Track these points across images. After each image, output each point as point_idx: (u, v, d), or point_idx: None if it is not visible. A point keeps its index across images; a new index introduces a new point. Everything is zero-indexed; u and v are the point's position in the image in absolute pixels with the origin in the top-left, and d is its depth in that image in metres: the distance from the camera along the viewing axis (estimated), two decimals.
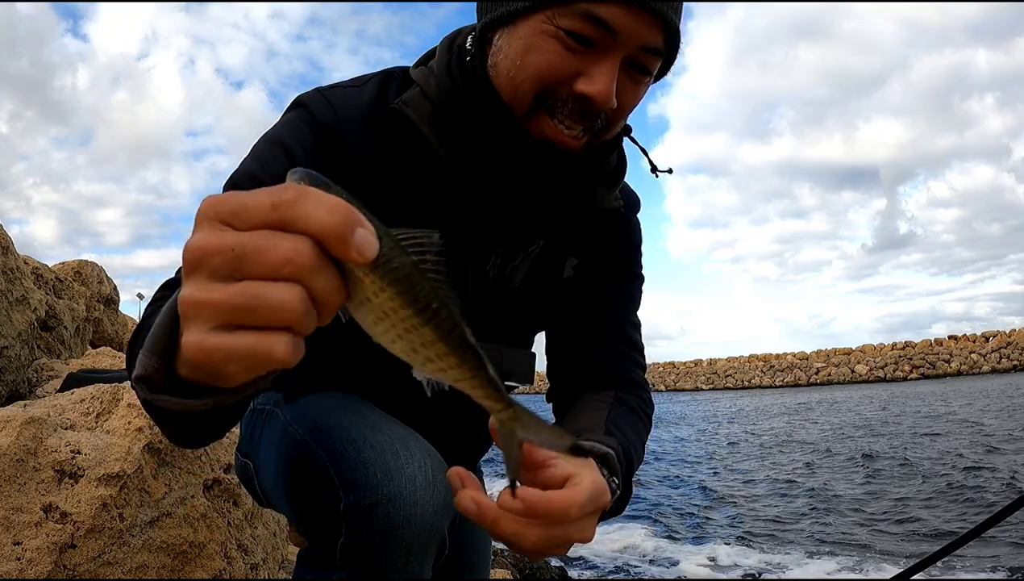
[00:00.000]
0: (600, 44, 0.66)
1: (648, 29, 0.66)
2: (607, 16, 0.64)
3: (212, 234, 0.34)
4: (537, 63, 0.67)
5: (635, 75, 0.70)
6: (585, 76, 0.66)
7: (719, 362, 60.36)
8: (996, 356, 45.31)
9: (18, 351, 2.14)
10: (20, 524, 1.27)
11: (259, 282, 0.33)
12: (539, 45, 0.67)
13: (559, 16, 0.65)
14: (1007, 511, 1.12)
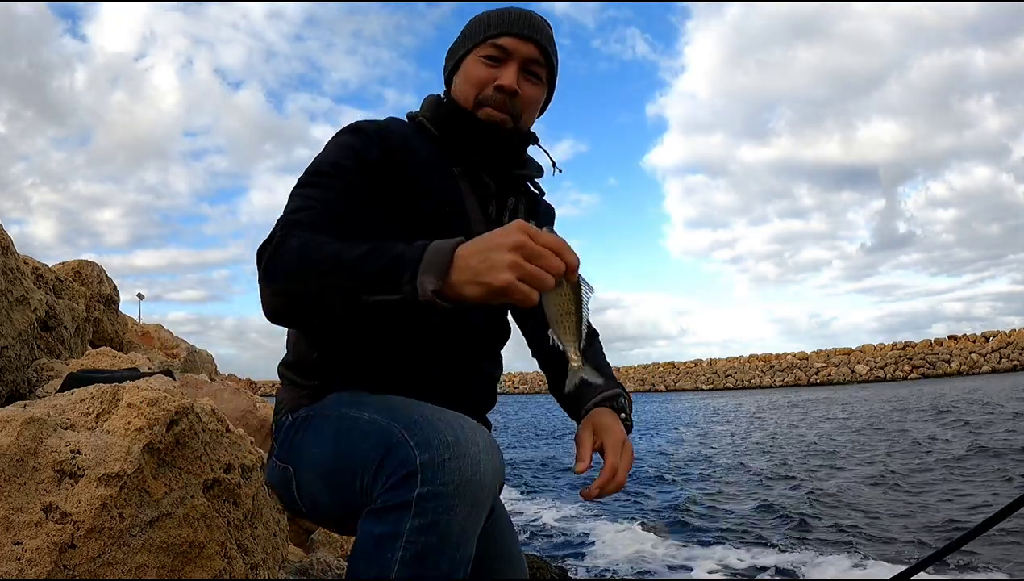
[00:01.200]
0: (503, 60, 1.15)
1: (527, 47, 1.15)
2: (504, 43, 1.15)
3: (527, 239, 0.75)
4: (472, 77, 1.16)
5: (530, 78, 1.17)
6: (499, 77, 1.14)
7: (719, 362, 60.33)
8: (996, 356, 45.29)
9: (18, 351, 2.14)
10: (20, 524, 1.27)
11: (539, 269, 0.75)
12: (472, 68, 1.17)
13: (480, 50, 1.16)
14: (1007, 511, 1.12)
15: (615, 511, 6.60)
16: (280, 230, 0.89)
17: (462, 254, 0.76)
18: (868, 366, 50.25)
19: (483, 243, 0.76)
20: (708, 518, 6.12)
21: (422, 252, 0.78)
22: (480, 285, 0.74)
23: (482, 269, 0.74)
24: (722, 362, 60.36)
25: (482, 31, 1.16)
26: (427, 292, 0.76)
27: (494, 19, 1.16)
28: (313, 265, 0.82)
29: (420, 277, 0.76)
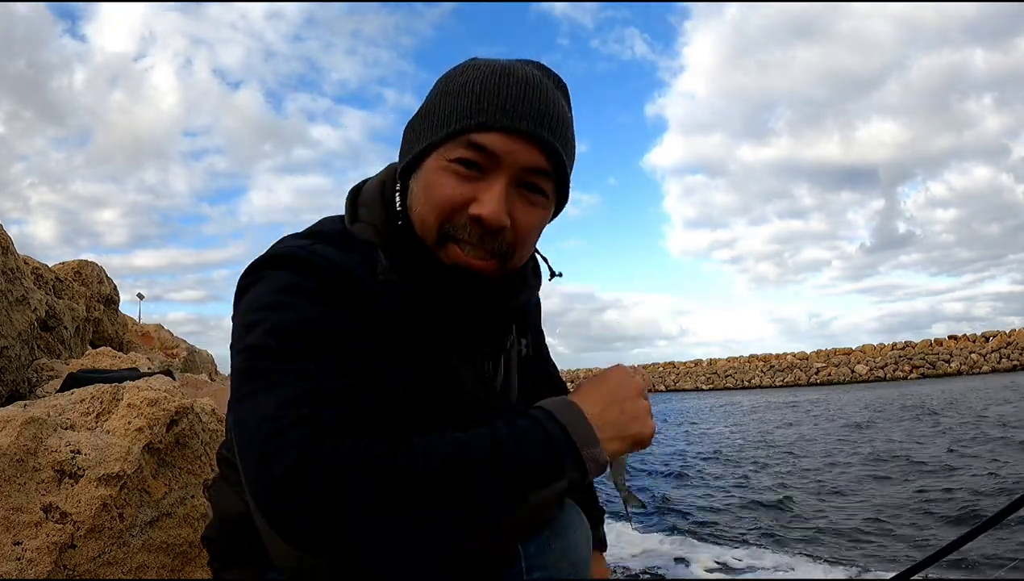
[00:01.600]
0: (487, 169, 0.74)
1: (527, 151, 0.74)
2: (487, 142, 0.73)
3: (642, 380, 0.75)
4: (436, 196, 0.75)
5: (528, 196, 0.77)
6: (476, 201, 0.74)
7: (719, 362, 60.33)
8: (996, 356, 45.29)
9: (18, 351, 2.14)
10: (20, 524, 1.27)
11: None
12: (436, 180, 0.75)
13: (449, 151, 0.74)
14: (1007, 511, 1.12)
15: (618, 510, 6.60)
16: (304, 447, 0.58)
17: (593, 413, 0.68)
18: (868, 366, 50.25)
19: (607, 393, 0.71)
20: (708, 517, 6.13)
21: (561, 428, 0.66)
22: (624, 439, 0.70)
23: (625, 421, 0.70)
24: (722, 362, 60.36)
25: (455, 116, 0.74)
26: (597, 468, 0.67)
27: (476, 95, 0.74)
28: (440, 488, 0.58)
29: (583, 452, 0.65)
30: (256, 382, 0.64)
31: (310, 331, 0.66)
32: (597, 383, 0.73)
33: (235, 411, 0.65)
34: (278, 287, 0.70)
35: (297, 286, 0.70)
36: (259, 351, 0.66)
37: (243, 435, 0.61)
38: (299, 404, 0.60)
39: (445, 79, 0.79)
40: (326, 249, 0.73)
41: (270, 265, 0.73)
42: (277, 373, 0.63)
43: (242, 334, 0.68)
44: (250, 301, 0.71)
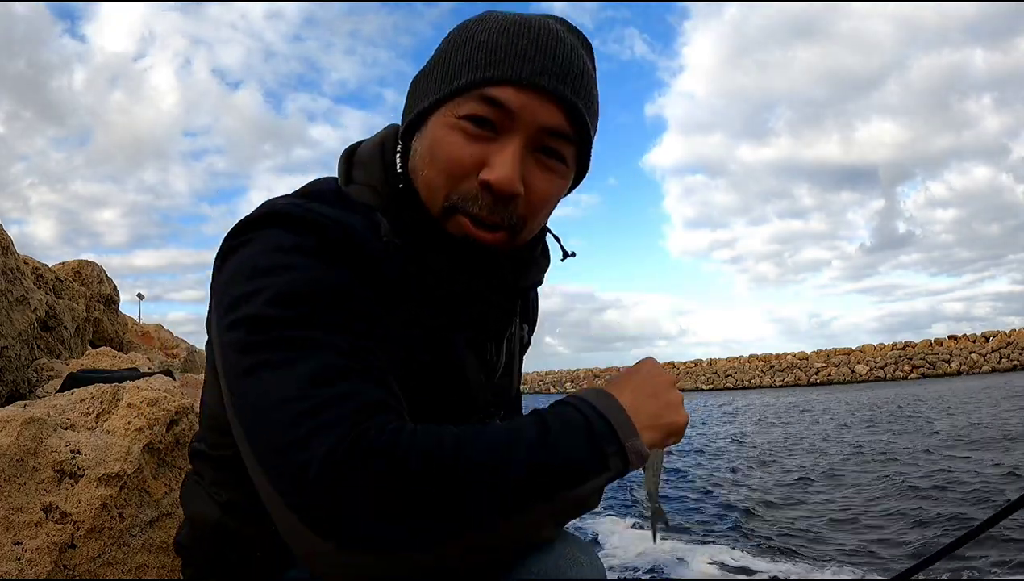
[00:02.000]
0: (500, 128, 0.66)
1: (546, 109, 0.66)
2: (502, 97, 0.65)
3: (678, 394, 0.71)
4: (442, 156, 0.67)
5: (546, 161, 0.69)
6: (487, 165, 0.66)
7: (719, 362, 60.34)
8: (996, 356, 45.28)
9: (18, 351, 2.14)
10: (20, 524, 1.27)
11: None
12: (443, 138, 0.67)
13: (459, 106, 0.67)
14: (1007, 511, 1.12)
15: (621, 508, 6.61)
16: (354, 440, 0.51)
17: (628, 402, 0.64)
18: (868, 366, 50.24)
19: (639, 383, 0.68)
20: (707, 515, 6.13)
21: (602, 418, 0.61)
22: (658, 428, 0.66)
23: (659, 410, 0.67)
24: (722, 362, 60.37)
25: (466, 68, 0.67)
26: (639, 460, 0.62)
27: (491, 46, 0.66)
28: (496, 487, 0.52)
29: (626, 444, 0.61)
30: (264, 354, 0.55)
31: (321, 294, 0.59)
32: (628, 374, 0.70)
33: (237, 390, 0.56)
34: (274, 247, 0.61)
35: (297, 245, 0.61)
36: (263, 322, 0.57)
37: (257, 419, 0.53)
38: (325, 380, 0.53)
39: (458, 30, 0.71)
40: (322, 207, 0.66)
41: (261, 224, 0.64)
42: (291, 344, 0.55)
43: (234, 305, 0.59)
44: (239, 265, 0.62)
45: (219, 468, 0.73)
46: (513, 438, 0.55)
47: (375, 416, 0.52)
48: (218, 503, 0.72)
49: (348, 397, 0.53)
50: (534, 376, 74.33)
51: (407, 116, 0.74)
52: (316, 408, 0.51)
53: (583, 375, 69.36)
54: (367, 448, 0.50)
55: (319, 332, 0.56)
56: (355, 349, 0.57)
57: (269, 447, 0.52)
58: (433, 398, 0.70)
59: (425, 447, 0.51)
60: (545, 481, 0.55)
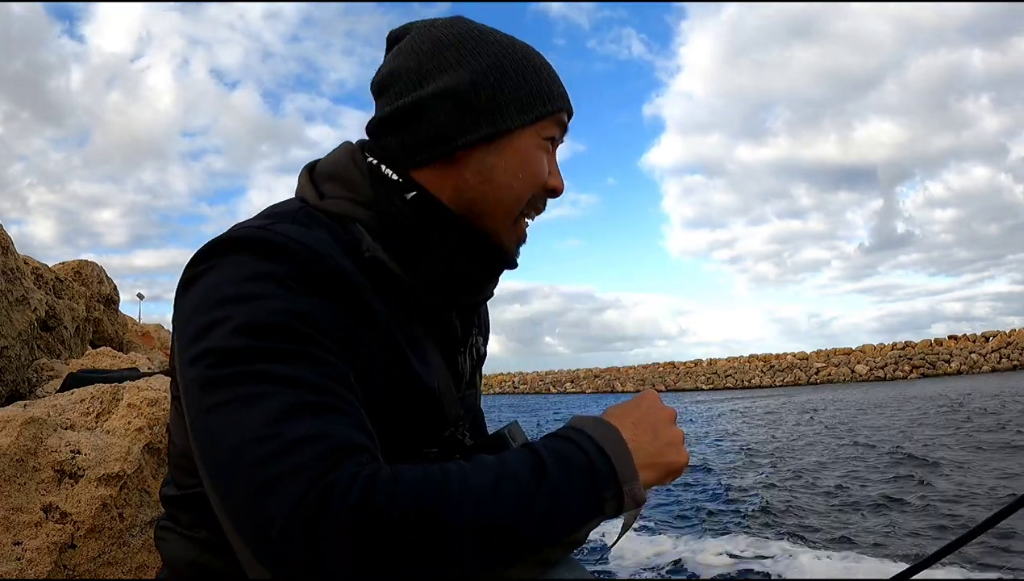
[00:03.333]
0: (555, 145, 0.79)
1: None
2: (566, 122, 0.79)
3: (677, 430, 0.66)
4: (535, 173, 0.75)
5: None
6: (552, 173, 0.77)
7: (719, 362, 60.32)
8: (996, 356, 45.28)
9: (18, 351, 2.14)
10: (20, 524, 1.27)
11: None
12: (534, 156, 0.74)
13: (544, 129, 0.75)
14: (1007, 511, 1.12)
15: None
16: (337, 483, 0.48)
17: (629, 437, 0.61)
18: (868, 366, 50.25)
19: (640, 416, 0.65)
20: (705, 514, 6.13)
21: (604, 456, 0.58)
22: (657, 467, 0.63)
23: (659, 448, 0.63)
24: (722, 362, 60.38)
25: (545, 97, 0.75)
26: (634, 506, 0.60)
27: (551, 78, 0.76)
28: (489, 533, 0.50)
29: (624, 488, 0.58)
30: (227, 391, 0.52)
31: (289, 324, 0.55)
32: (629, 407, 0.67)
33: (199, 430, 0.53)
34: (241, 276, 0.58)
35: (265, 272, 0.58)
36: (227, 354, 0.53)
37: (219, 462, 0.50)
38: (292, 418, 0.50)
39: (490, 54, 0.73)
40: (291, 228, 0.63)
41: (225, 249, 0.61)
42: (256, 379, 0.52)
43: (196, 337, 0.56)
44: (203, 295, 0.59)
45: (193, 508, 0.68)
46: (505, 484, 0.52)
47: (346, 461, 0.49)
48: (197, 541, 0.68)
49: (316, 439, 0.49)
50: (534, 376, 74.35)
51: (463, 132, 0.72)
52: (280, 451, 0.48)
53: (583, 375, 69.36)
54: (338, 501, 0.47)
55: (287, 366, 0.53)
56: (326, 384, 0.54)
57: (233, 496, 0.49)
58: (408, 414, 0.69)
59: (404, 499, 0.48)
60: (537, 534, 0.52)
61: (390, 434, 0.63)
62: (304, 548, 0.46)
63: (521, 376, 75.91)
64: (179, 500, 0.71)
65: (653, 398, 0.69)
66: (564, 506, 0.54)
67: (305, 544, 0.46)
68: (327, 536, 0.46)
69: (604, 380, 66.54)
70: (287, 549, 0.46)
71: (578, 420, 0.63)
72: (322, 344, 0.57)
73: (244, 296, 0.57)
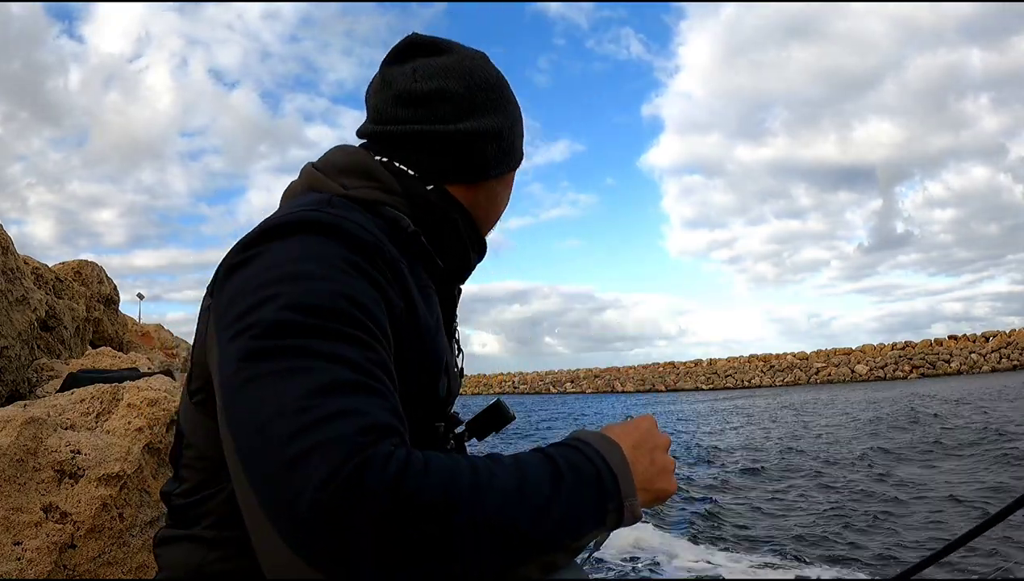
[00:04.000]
0: None
1: None
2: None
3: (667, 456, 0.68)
4: (502, 208, 0.91)
5: None
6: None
7: (719, 362, 60.34)
8: (996, 356, 45.29)
9: (18, 351, 2.14)
10: (20, 524, 1.27)
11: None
12: (505, 195, 0.91)
13: (513, 172, 0.90)
14: (1007, 511, 1.12)
15: None
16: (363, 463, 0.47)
17: (629, 457, 0.62)
18: (868, 366, 50.28)
19: (638, 439, 0.66)
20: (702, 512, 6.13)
21: (609, 470, 0.59)
22: (649, 492, 0.64)
23: (653, 474, 0.65)
24: (722, 362, 60.39)
25: (521, 146, 0.92)
26: (632, 520, 0.61)
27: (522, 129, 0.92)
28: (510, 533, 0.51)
29: (626, 503, 0.60)
30: (270, 362, 0.51)
31: (341, 305, 0.55)
32: (628, 429, 0.67)
33: (233, 402, 0.52)
34: (293, 256, 0.59)
35: (320, 253, 0.59)
36: (274, 328, 0.53)
37: (249, 432, 0.49)
38: (333, 393, 0.49)
39: (513, 102, 0.88)
40: (337, 210, 0.65)
41: (274, 235, 0.61)
42: (300, 354, 0.51)
43: (243, 315, 0.55)
44: (251, 276, 0.58)
45: (202, 510, 0.68)
46: (527, 485, 0.53)
47: (381, 440, 0.48)
48: (204, 542, 0.67)
49: (354, 413, 0.49)
50: (534, 376, 74.36)
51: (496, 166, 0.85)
52: (315, 423, 0.47)
53: (583, 375, 69.39)
54: (373, 477, 0.46)
55: (331, 344, 0.53)
56: (368, 367, 0.54)
57: (262, 467, 0.48)
58: (427, 387, 0.72)
59: (434, 487, 0.48)
60: (552, 537, 0.53)
61: (412, 408, 0.64)
62: (332, 524, 0.45)
63: (521, 376, 75.94)
64: (190, 504, 0.69)
65: (651, 423, 0.70)
66: (575, 514, 0.55)
67: (334, 520, 0.44)
68: (358, 512, 0.45)
69: (604, 380, 66.55)
70: (314, 524, 0.44)
71: (583, 434, 0.64)
72: (367, 327, 0.57)
73: (295, 275, 0.57)
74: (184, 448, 0.72)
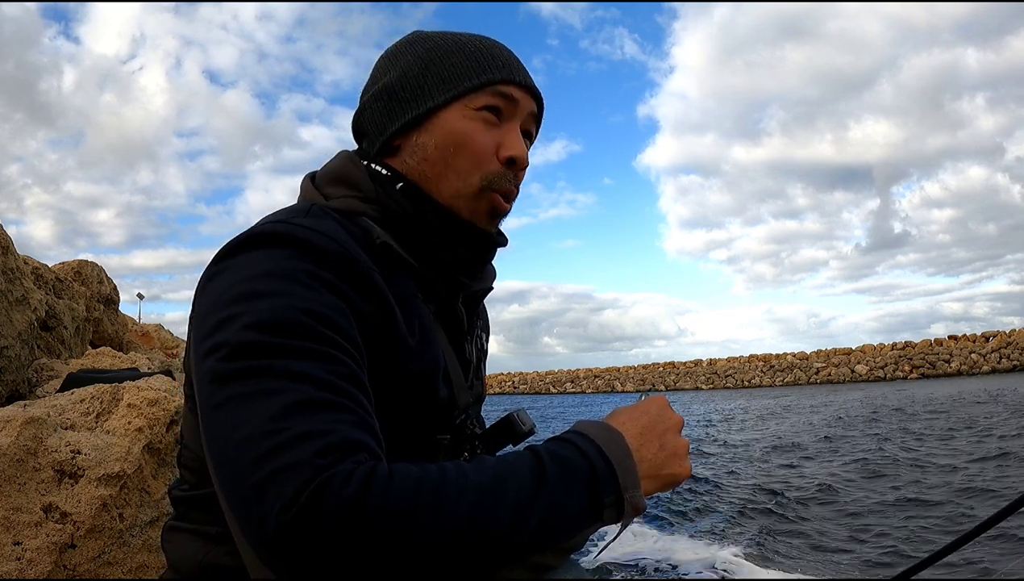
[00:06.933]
0: (507, 116, 0.78)
1: (531, 100, 0.80)
2: (511, 92, 0.77)
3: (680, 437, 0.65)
4: (471, 144, 0.75)
5: (525, 141, 0.81)
6: (504, 145, 0.76)
7: (719, 362, 60.33)
8: (996, 356, 45.27)
9: (18, 351, 2.14)
10: (20, 524, 1.27)
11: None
12: (465, 129, 0.75)
13: (473, 101, 0.76)
14: (1007, 511, 1.12)
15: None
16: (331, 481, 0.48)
17: (634, 445, 0.61)
18: (868, 366, 50.27)
19: (647, 424, 0.64)
20: (700, 513, 6.13)
21: (606, 462, 0.58)
22: (659, 479, 0.62)
23: (663, 459, 0.63)
24: (722, 362, 60.40)
25: (473, 71, 0.76)
26: (635, 514, 0.59)
27: (486, 53, 0.78)
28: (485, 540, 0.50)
29: (625, 496, 0.58)
30: (237, 385, 0.53)
31: (306, 320, 0.56)
32: (635, 412, 0.65)
33: (208, 424, 0.54)
34: (259, 272, 0.59)
35: (282, 268, 0.59)
36: (238, 349, 0.54)
37: (223, 458, 0.51)
38: (296, 414, 0.50)
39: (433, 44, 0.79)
40: (307, 220, 0.66)
41: (244, 247, 0.62)
42: (266, 374, 0.52)
43: (211, 331, 0.57)
44: (219, 291, 0.59)
45: (206, 507, 0.68)
46: (503, 487, 0.52)
47: (344, 458, 0.49)
48: (208, 537, 0.69)
49: (316, 435, 0.49)
50: (534, 376, 74.34)
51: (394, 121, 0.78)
52: (279, 448, 0.48)
53: (583, 375, 69.38)
54: (333, 498, 0.46)
55: (296, 362, 0.54)
56: (334, 381, 0.54)
57: (235, 492, 0.50)
58: (420, 399, 0.70)
59: (400, 497, 0.48)
60: (533, 538, 0.52)
61: (403, 420, 0.65)
62: (300, 544, 0.46)
63: (521, 376, 75.93)
64: (192, 500, 0.72)
65: (662, 404, 0.67)
66: (562, 512, 0.54)
67: (301, 540, 0.46)
68: (322, 533, 0.46)
69: (604, 380, 66.55)
70: (284, 545, 0.47)
71: (583, 425, 0.62)
72: (334, 341, 0.57)
73: (261, 292, 0.58)
74: (183, 448, 0.75)
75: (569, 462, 0.56)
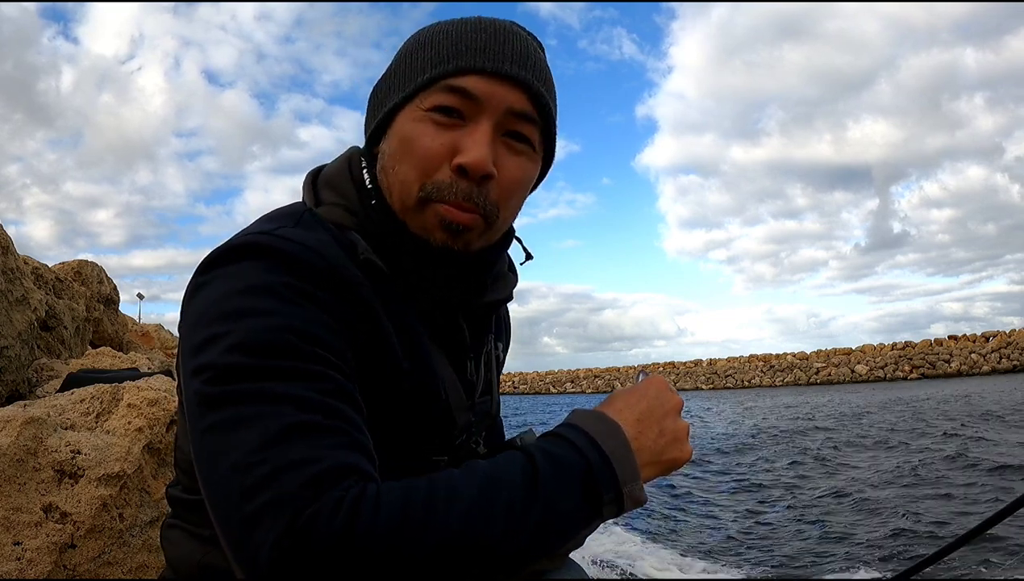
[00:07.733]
0: (468, 115, 0.66)
1: (511, 93, 0.67)
2: (467, 84, 0.66)
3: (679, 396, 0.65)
4: (415, 149, 0.66)
5: (514, 145, 0.69)
6: (460, 151, 0.65)
7: (719, 362, 60.33)
8: (996, 356, 45.26)
9: (18, 351, 2.14)
10: (20, 524, 1.27)
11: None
12: (412, 131, 0.67)
13: (424, 100, 0.67)
14: (1007, 511, 1.12)
15: None
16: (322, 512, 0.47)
17: (632, 433, 0.59)
18: (868, 366, 50.26)
19: (645, 409, 0.62)
20: (699, 514, 6.13)
21: (603, 457, 0.56)
22: (659, 465, 0.61)
23: (663, 445, 0.61)
24: (722, 362, 60.39)
25: (429, 64, 0.68)
26: (634, 507, 0.57)
27: (451, 41, 0.68)
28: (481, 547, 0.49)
29: (624, 490, 0.56)
30: (222, 411, 0.52)
31: (288, 340, 0.54)
32: (633, 396, 0.63)
33: (198, 449, 0.53)
34: (242, 287, 0.57)
35: (266, 283, 0.57)
36: (223, 372, 0.53)
37: (213, 484, 0.51)
38: (283, 441, 0.49)
39: (414, 37, 0.72)
40: (294, 231, 0.62)
41: (228, 259, 0.60)
42: (249, 399, 0.51)
43: (197, 350, 0.55)
44: (202, 307, 0.58)
45: (202, 509, 0.65)
46: (494, 495, 0.50)
47: (332, 487, 0.48)
48: (205, 539, 0.68)
49: (303, 464, 0.48)
50: (534, 376, 74.36)
51: (370, 125, 0.74)
52: (266, 480, 0.48)
53: (583, 375, 69.39)
54: (321, 531, 0.46)
55: (282, 384, 0.52)
56: (322, 401, 0.53)
57: (224, 524, 0.50)
58: (414, 419, 0.67)
59: (388, 519, 0.47)
60: (530, 544, 0.51)
61: (397, 440, 0.63)
62: (292, 576, 0.46)
63: (521, 376, 75.94)
64: (188, 502, 0.70)
65: (661, 386, 0.65)
66: (559, 513, 0.52)
67: (293, 573, 0.46)
68: (313, 563, 0.46)
69: (604, 380, 66.53)
70: (273, 577, 0.46)
71: (578, 417, 0.60)
72: (320, 357, 0.55)
73: (244, 310, 0.56)
74: (177, 449, 0.74)
75: (563, 459, 0.55)
